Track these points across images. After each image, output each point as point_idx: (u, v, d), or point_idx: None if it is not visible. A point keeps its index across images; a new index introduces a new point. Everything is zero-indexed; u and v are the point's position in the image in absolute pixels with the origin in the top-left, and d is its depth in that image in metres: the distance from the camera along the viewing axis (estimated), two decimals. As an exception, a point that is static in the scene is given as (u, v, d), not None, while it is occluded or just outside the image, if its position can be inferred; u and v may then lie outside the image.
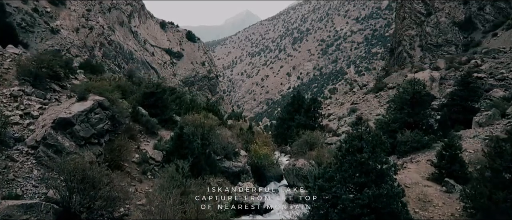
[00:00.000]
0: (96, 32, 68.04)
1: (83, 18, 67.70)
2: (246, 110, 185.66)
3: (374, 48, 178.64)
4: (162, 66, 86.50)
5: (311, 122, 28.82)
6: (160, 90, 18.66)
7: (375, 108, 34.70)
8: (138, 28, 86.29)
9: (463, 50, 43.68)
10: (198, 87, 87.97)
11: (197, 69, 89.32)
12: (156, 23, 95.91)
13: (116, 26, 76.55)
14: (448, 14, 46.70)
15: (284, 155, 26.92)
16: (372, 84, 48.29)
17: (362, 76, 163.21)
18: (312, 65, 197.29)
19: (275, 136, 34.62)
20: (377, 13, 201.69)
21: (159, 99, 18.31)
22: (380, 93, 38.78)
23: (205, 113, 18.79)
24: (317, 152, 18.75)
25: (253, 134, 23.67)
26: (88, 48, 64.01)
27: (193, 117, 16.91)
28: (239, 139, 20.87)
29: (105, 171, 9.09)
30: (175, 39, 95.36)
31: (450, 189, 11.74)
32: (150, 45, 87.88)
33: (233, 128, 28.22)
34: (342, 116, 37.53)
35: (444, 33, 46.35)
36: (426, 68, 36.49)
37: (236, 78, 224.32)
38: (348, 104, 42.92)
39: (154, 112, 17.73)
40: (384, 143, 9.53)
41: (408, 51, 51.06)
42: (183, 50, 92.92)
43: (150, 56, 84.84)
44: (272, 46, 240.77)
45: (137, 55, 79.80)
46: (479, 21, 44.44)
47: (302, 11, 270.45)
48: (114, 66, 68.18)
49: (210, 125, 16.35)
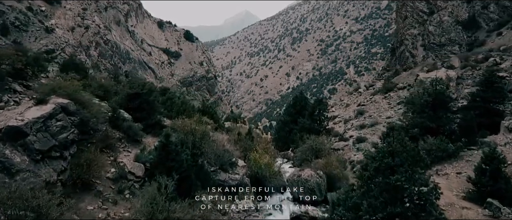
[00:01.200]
0: (92, 31, 65.83)
1: (79, 17, 65.54)
2: (245, 110, 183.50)
3: (374, 48, 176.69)
4: (160, 66, 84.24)
5: (316, 126, 26.57)
6: (146, 91, 16.41)
7: (384, 110, 32.04)
8: (135, 27, 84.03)
9: (467, 49, 42.19)
10: (196, 87, 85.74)
11: (195, 69, 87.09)
12: (154, 22, 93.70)
13: (113, 26, 74.30)
14: (451, 12, 45.01)
15: (286, 161, 24.70)
16: (379, 84, 45.18)
17: (362, 76, 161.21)
18: (312, 65, 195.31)
19: (276, 140, 32.42)
20: (376, 13, 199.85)
21: (145, 101, 16.13)
22: (389, 94, 36.02)
23: (198, 116, 16.47)
24: (325, 161, 16.52)
25: (253, 139, 21.39)
26: (83, 47, 61.78)
27: (182, 122, 14.60)
28: (236, 146, 18.59)
29: (55, 200, 6.81)
30: (173, 38, 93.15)
31: (496, 213, 9.52)
32: (148, 44, 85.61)
33: (230, 131, 26.06)
34: (348, 119, 34.93)
35: (447, 32, 44.64)
36: (439, 67, 34.12)
37: (235, 79, 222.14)
38: (354, 105, 40.38)
39: (139, 116, 15.53)
40: (423, 159, 7.35)
41: (411, 50, 49.15)
42: (181, 49, 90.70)
43: (148, 56, 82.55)
44: (271, 46, 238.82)
45: (134, 55, 77.54)
46: (483, 20, 42.93)
47: (301, 11, 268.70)
48: (110, 66, 65.89)
49: (202, 132, 14.05)
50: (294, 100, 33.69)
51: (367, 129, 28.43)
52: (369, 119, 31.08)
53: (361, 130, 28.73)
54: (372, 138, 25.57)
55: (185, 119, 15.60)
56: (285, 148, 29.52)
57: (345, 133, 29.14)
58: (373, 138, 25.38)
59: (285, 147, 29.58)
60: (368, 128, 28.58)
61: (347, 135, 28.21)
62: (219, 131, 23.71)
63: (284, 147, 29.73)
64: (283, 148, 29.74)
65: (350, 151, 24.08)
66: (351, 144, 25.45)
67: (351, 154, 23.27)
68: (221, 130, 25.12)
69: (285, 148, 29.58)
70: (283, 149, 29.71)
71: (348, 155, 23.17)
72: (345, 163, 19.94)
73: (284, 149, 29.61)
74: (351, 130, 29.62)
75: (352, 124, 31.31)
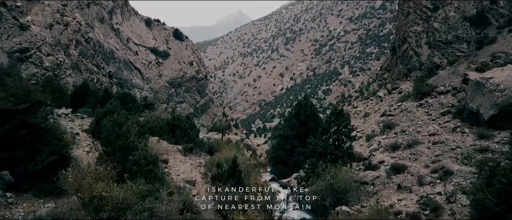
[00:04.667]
0: (72, 28, 61.56)
1: (58, 13, 61.23)
2: (238, 111, 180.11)
3: (369, 48, 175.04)
4: (147, 66, 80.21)
5: (335, 150, 18.63)
6: (27, 106, 9.29)
7: (424, 124, 23.35)
8: (120, 25, 79.81)
9: (476, 47, 39.57)
10: (185, 88, 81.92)
11: (184, 70, 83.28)
12: (141, 20, 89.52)
13: (96, 23, 70.01)
14: (457, 8, 42.45)
15: (287, 192, 18.70)
16: (405, 85, 35.94)
17: (357, 76, 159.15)
18: (305, 66, 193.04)
19: (274, 159, 26.29)
20: (371, 13, 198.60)
21: (24, 125, 9.03)
22: (426, 100, 26.73)
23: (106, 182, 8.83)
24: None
25: (240, 179, 13.94)
26: (62, 46, 57.50)
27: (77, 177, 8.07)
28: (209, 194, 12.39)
29: None
30: (161, 37, 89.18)
31: None
32: (134, 43, 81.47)
33: (210, 158, 20.02)
34: (372, 134, 25.93)
35: (454, 29, 42.04)
36: (490, 65, 27.54)
37: (228, 79, 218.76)
38: (377, 115, 31.06)
39: (11, 156, 9.05)
40: None
41: (414, 48, 46.38)
42: (169, 49, 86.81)
43: (134, 55, 78.44)
44: (264, 46, 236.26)
45: (119, 54, 73.40)
46: (493, 16, 40.51)
47: (295, 11, 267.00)
48: (92, 66, 61.73)
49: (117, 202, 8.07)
50: (297, 108, 26.54)
51: (404, 152, 20.62)
52: (403, 135, 23.19)
53: (394, 152, 21.04)
54: (414, 165, 18.21)
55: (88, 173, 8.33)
56: (285, 172, 23.69)
57: (371, 157, 21.40)
58: (415, 165, 18.21)
59: (285, 171, 23.84)
60: (404, 150, 20.92)
61: (374, 160, 20.51)
62: (190, 157, 19.76)
63: (284, 171, 24.00)
64: (283, 173, 23.91)
65: (385, 188, 16.88)
66: (385, 175, 17.91)
67: (390, 194, 16.17)
68: (193, 155, 20.95)
69: (285, 173, 23.64)
70: (283, 173, 23.83)
71: (385, 195, 15.96)
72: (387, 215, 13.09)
73: (284, 173, 23.72)
74: (379, 151, 22.03)
75: (379, 143, 23.29)
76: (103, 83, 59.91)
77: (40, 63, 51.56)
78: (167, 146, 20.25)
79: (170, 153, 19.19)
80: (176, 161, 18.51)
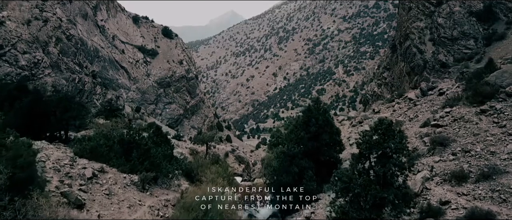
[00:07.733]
0: (51, 25, 57.48)
1: (37, 8, 57.12)
2: (231, 112, 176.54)
3: (363, 47, 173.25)
4: (134, 65, 76.30)
5: (381, 190, 10.55)
6: None
7: (498, 140, 15.37)
8: (105, 22, 75.75)
9: (485, 44, 37.12)
10: (175, 88, 78.20)
11: (173, 69, 79.58)
12: (128, 17, 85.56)
13: (78, 19, 65.93)
14: (463, 3, 39.91)
15: None
16: (449, 84, 28.02)
17: (351, 76, 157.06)
18: (299, 65, 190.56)
19: (275, 185, 19.74)
20: (364, 12, 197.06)
21: None
22: (491, 105, 18.34)
23: None
24: None
25: None
26: (40, 43, 53.46)
27: None
28: None
29: None
30: (149, 35, 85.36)
31: None
32: (120, 41, 77.51)
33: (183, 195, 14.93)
34: (414, 154, 17.43)
35: (460, 24, 39.56)
36: None
37: (220, 79, 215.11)
38: (415, 125, 22.62)
39: None
40: None
41: (418, 45, 43.75)
42: (158, 47, 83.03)
43: (120, 54, 74.47)
44: (257, 45, 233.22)
45: (104, 52, 69.41)
46: (501, 11, 38.17)
47: (288, 10, 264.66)
48: (74, 65, 57.71)
49: None
50: (306, 116, 19.92)
51: (479, 186, 13.00)
52: (468, 158, 15.24)
53: (461, 185, 13.51)
54: (505, 212, 11.00)
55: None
56: (292, 204, 17.28)
57: (425, 193, 13.87)
58: (507, 212, 10.90)
59: (292, 202, 17.46)
60: (478, 183, 13.20)
61: (433, 199, 13.21)
62: (152, 192, 14.75)
63: (290, 202, 17.69)
64: (288, 204, 17.49)
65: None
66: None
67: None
68: (157, 187, 15.96)
69: (291, 205, 17.24)
70: (288, 205, 17.39)
71: None
72: None
73: (289, 205, 17.46)
74: (435, 182, 14.54)
75: (431, 169, 15.44)
76: (85, 83, 55.96)
77: (15, 62, 47.55)
78: (115, 176, 14.91)
79: (116, 190, 13.70)
80: (123, 204, 12.85)
